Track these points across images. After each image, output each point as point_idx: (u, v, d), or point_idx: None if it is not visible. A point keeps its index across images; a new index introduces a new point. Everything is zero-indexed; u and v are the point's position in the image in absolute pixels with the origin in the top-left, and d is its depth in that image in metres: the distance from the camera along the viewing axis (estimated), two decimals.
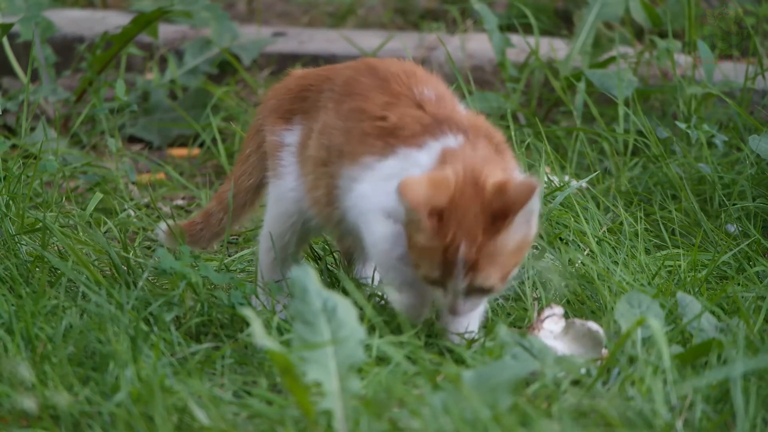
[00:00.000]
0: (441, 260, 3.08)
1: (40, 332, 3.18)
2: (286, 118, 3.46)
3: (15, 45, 5.28)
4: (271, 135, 3.48)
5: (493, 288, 3.12)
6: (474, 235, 3.06)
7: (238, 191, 3.62)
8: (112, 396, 2.93)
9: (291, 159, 3.44)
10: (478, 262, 3.07)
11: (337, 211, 3.31)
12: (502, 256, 3.09)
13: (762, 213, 4.08)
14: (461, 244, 3.06)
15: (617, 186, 4.37)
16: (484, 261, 3.08)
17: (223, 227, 3.65)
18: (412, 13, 6.31)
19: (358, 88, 3.32)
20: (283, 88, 3.51)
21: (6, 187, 3.88)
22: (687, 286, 3.58)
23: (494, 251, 3.08)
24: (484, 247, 3.07)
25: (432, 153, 3.16)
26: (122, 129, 5.21)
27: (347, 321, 2.83)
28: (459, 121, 3.21)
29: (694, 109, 4.67)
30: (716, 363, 3.08)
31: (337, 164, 3.28)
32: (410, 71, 3.33)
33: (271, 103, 3.53)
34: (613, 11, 5.12)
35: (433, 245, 3.08)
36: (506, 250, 3.09)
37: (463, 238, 3.06)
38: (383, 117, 3.24)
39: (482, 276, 3.09)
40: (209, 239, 3.70)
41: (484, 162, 3.11)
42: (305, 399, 2.77)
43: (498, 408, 2.70)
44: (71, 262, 3.52)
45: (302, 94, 3.45)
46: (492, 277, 3.09)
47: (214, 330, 3.40)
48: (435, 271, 3.09)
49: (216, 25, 5.46)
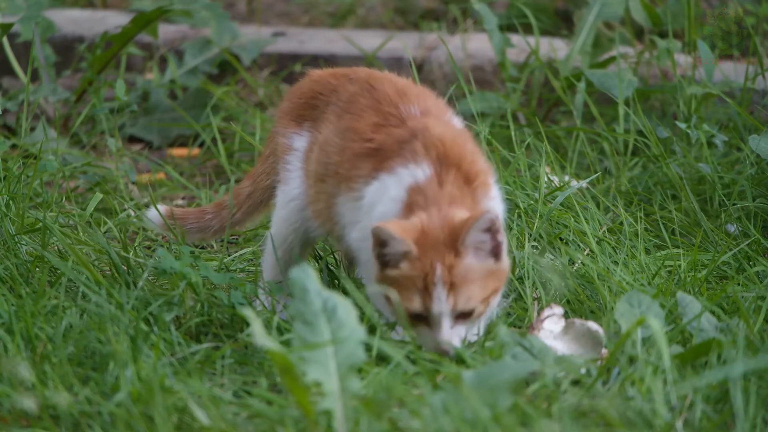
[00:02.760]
0: (422, 286, 3.10)
1: (40, 332, 3.18)
2: (297, 122, 3.50)
3: (15, 45, 5.28)
4: (282, 137, 3.52)
5: (474, 310, 3.13)
6: (445, 260, 3.10)
7: (255, 189, 3.67)
8: (112, 396, 2.93)
9: (297, 164, 3.48)
10: (456, 284, 3.10)
11: (338, 226, 3.35)
12: (478, 279, 3.12)
13: (762, 213, 4.08)
14: (437, 266, 3.09)
15: (617, 186, 4.37)
16: (461, 282, 3.10)
17: (235, 221, 3.69)
18: (412, 13, 6.31)
19: (355, 107, 3.38)
20: (298, 91, 3.56)
21: (6, 187, 3.88)
22: (687, 286, 3.58)
23: (465, 274, 3.11)
24: (455, 268, 3.10)
25: (401, 185, 3.21)
26: (122, 129, 5.21)
27: (347, 321, 2.83)
28: (430, 143, 3.22)
29: (694, 109, 4.67)
30: (716, 363, 3.08)
31: (333, 184, 3.33)
32: (402, 90, 3.38)
33: (285, 105, 3.58)
34: (613, 11, 5.12)
35: (414, 273, 3.10)
36: (476, 274, 3.12)
37: (438, 261, 3.10)
38: (370, 139, 3.30)
39: (463, 298, 3.11)
40: (216, 231, 3.72)
41: (449, 202, 3.16)
42: (305, 399, 2.77)
43: (498, 408, 2.70)
44: (71, 262, 3.52)
45: (312, 102, 3.49)
46: (473, 299, 3.12)
47: (214, 330, 3.40)
48: (416, 302, 3.12)
49: (216, 25, 5.46)
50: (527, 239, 3.72)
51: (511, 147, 4.24)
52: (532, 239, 3.75)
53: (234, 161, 4.90)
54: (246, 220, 3.70)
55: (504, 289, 3.23)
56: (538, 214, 3.83)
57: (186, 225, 3.73)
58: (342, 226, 3.35)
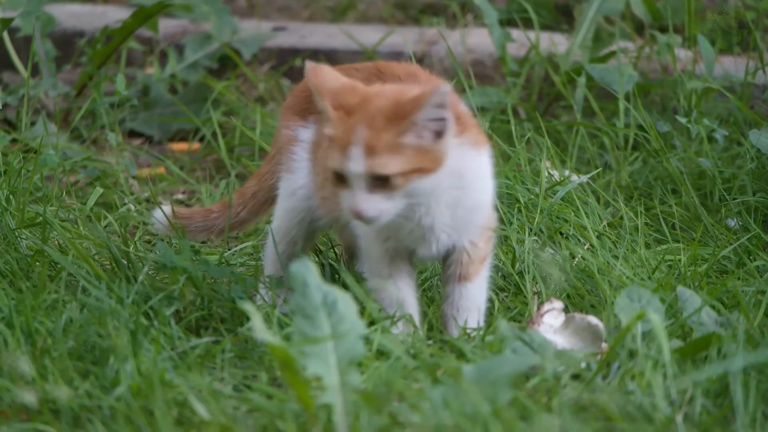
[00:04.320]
0: (343, 145, 3.11)
1: (40, 326, 3.18)
2: (302, 115, 3.51)
3: (15, 39, 5.28)
4: (286, 129, 3.52)
5: (390, 179, 3.11)
6: (375, 124, 3.10)
7: (260, 188, 3.66)
8: (112, 390, 2.93)
9: (303, 155, 3.48)
10: (376, 147, 3.09)
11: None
12: (404, 150, 3.10)
13: (762, 207, 4.08)
14: (360, 127, 3.09)
15: (617, 180, 4.37)
16: (383, 148, 3.09)
17: (240, 220, 3.69)
18: (412, 8, 6.31)
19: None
20: (302, 86, 3.57)
21: (6, 181, 3.88)
22: (687, 280, 3.58)
23: (394, 143, 3.09)
24: (383, 135, 3.09)
25: None
26: (122, 123, 5.21)
27: (347, 315, 2.83)
28: None
29: (694, 103, 4.67)
30: (716, 357, 3.08)
31: None
32: (412, 72, 3.38)
33: (289, 100, 3.59)
34: (614, 6, 5.12)
35: (337, 134, 3.12)
36: (408, 146, 3.10)
37: (363, 124, 3.09)
38: None
39: (379, 162, 3.09)
40: (222, 230, 3.72)
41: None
42: (305, 393, 2.78)
43: (498, 402, 2.70)
44: (71, 256, 3.52)
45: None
46: (389, 165, 3.10)
47: (214, 324, 3.40)
48: (336, 160, 3.11)
49: (216, 20, 5.46)
50: (528, 234, 3.72)
51: (512, 142, 4.24)
52: (532, 234, 3.75)
53: (234, 156, 4.90)
54: (251, 219, 3.70)
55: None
56: (539, 209, 3.83)
57: (192, 225, 3.73)
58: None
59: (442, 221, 3.24)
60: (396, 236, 3.28)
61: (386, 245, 3.30)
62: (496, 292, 3.54)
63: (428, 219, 3.22)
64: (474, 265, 3.32)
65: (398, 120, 3.09)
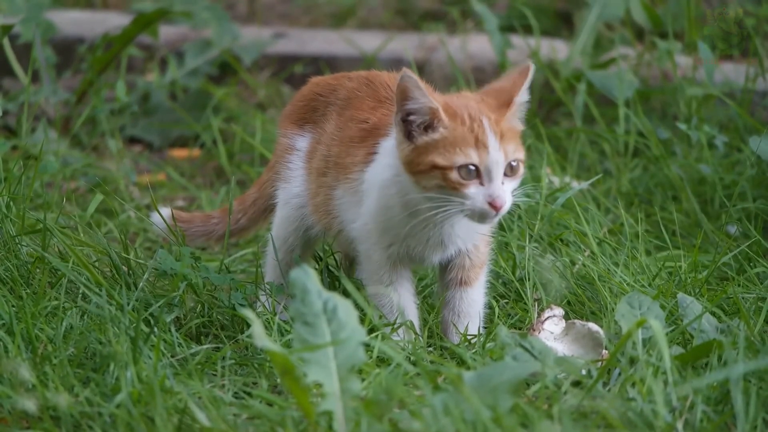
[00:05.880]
0: (470, 141, 3.11)
1: (40, 333, 3.18)
2: (299, 124, 3.53)
3: (16, 46, 5.28)
4: (284, 138, 3.53)
5: (519, 165, 3.14)
6: (490, 115, 3.14)
7: (260, 196, 3.68)
8: (112, 397, 2.93)
9: (299, 164, 3.50)
10: (505, 135, 3.13)
11: (336, 220, 3.36)
12: (518, 136, 3.17)
13: (762, 214, 4.08)
14: (483, 119, 3.12)
15: (618, 187, 4.37)
16: (510, 135, 3.14)
17: (240, 227, 3.71)
18: (412, 14, 6.31)
19: (354, 101, 3.40)
20: (299, 95, 3.59)
21: (7, 188, 3.87)
22: (687, 287, 3.58)
23: (511, 128, 3.15)
24: (503, 122, 3.14)
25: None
26: (123, 130, 5.22)
27: (348, 322, 2.83)
28: None
29: (694, 110, 4.67)
30: (717, 364, 3.08)
31: (333, 175, 3.34)
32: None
33: (287, 109, 3.61)
34: (614, 12, 5.13)
35: (456, 133, 3.11)
36: (517, 132, 3.17)
37: (483, 116, 3.13)
38: (366, 120, 3.32)
39: (512, 147, 3.13)
40: (221, 236, 3.73)
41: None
42: (306, 400, 2.77)
43: (498, 409, 2.70)
44: (72, 263, 3.52)
45: (313, 104, 3.52)
46: (519, 150, 3.15)
47: (214, 331, 3.40)
48: (469, 155, 3.11)
49: (216, 26, 5.47)
50: (528, 240, 3.72)
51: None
52: (533, 240, 3.75)
53: (234, 162, 4.90)
54: (251, 227, 3.72)
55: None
56: (539, 216, 3.83)
57: (191, 229, 3.76)
58: (340, 220, 3.36)
59: (458, 225, 3.25)
60: (409, 243, 3.28)
61: (389, 251, 3.30)
62: (497, 299, 3.54)
63: (448, 224, 3.24)
64: (475, 269, 3.33)
65: (505, 105, 3.16)
